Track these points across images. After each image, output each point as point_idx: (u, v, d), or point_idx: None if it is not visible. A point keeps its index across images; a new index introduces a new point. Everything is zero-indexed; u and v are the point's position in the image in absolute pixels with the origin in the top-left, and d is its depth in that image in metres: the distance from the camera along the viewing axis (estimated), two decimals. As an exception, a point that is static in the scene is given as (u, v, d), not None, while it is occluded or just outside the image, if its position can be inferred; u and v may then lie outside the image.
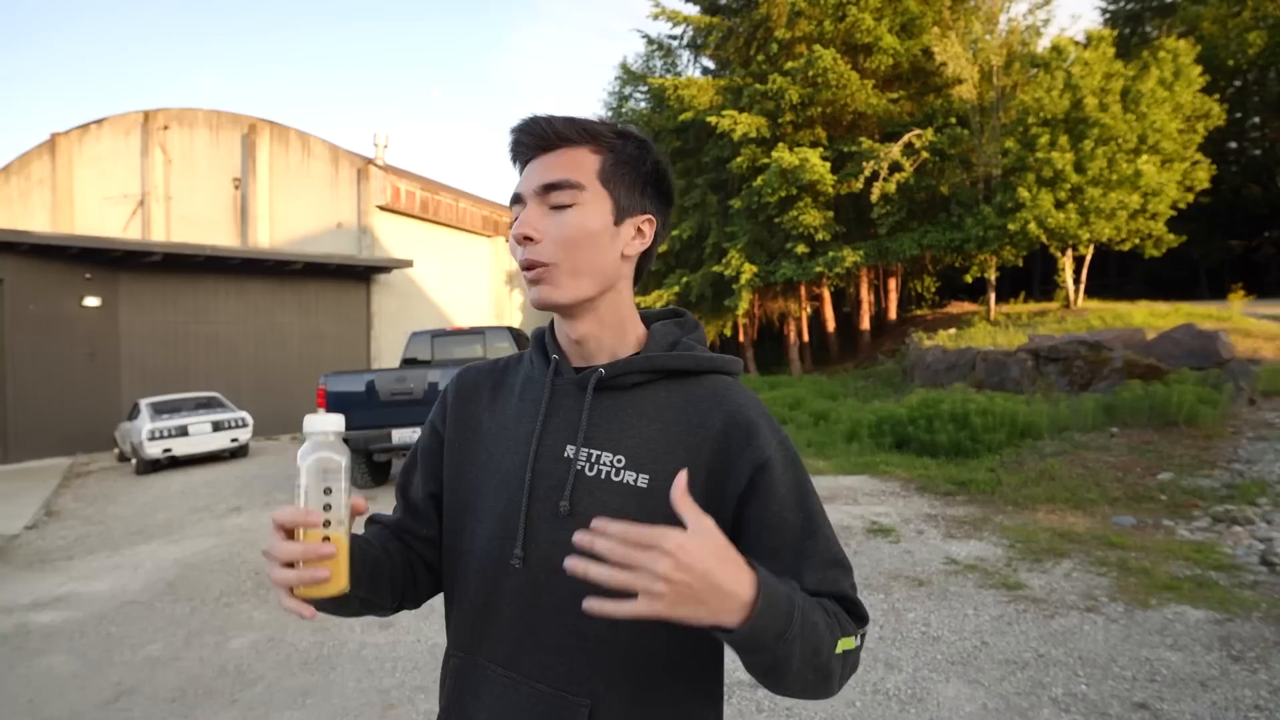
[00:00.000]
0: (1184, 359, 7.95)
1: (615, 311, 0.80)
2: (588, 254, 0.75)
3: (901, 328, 17.75)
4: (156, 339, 12.96)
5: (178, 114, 16.84)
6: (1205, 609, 3.36)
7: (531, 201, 0.75)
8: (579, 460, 0.76)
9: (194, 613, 4.08)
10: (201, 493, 7.89)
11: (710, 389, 0.79)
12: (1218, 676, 2.76)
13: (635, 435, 0.76)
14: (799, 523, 0.75)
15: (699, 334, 0.86)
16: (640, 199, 0.79)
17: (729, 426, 0.76)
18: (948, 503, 5.63)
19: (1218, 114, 14.03)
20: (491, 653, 0.77)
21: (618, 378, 0.78)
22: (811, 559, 0.74)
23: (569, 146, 0.76)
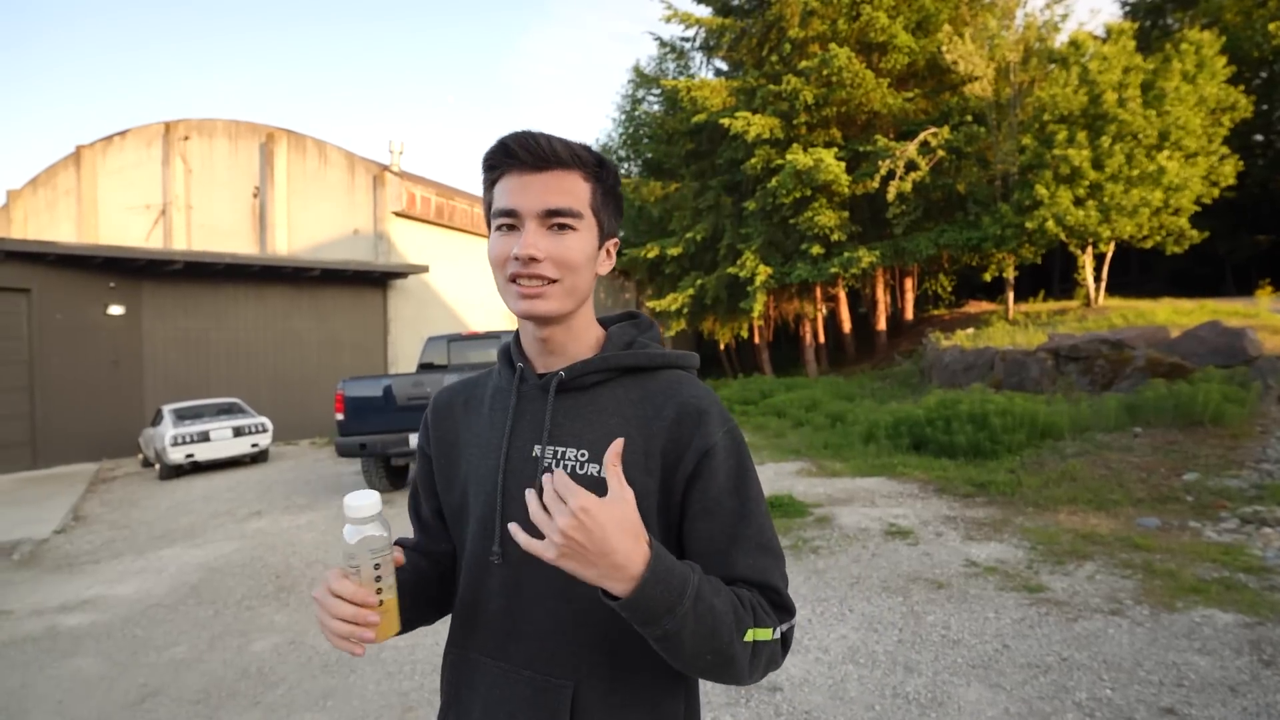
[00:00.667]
0: (1209, 357, 7.79)
1: (582, 319, 0.87)
2: (581, 276, 0.82)
3: (918, 328, 17.58)
4: (178, 346, 13.18)
5: (198, 124, 17.14)
6: (1234, 612, 3.29)
7: (532, 222, 0.79)
8: (545, 458, 0.82)
9: (217, 616, 4.14)
10: (223, 497, 8.01)
11: (665, 382, 0.86)
12: (1248, 681, 2.69)
13: (597, 430, 0.82)
14: (734, 507, 0.80)
15: (654, 333, 0.93)
16: (614, 223, 0.87)
17: (681, 415, 0.82)
18: (967, 504, 5.57)
19: (1245, 106, 13.72)
20: (482, 646, 0.84)
21: (578, 378, 0.84)
22: (742, 543, 0.79)
23: (563, 170, 0.80)
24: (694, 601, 0.69)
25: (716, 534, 0.79)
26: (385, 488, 7.40)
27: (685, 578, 0.69)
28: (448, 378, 6.91)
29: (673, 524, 0.82)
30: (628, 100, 24.96)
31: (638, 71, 23.09)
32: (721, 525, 0.80)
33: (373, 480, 7.38)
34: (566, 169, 0.80)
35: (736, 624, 0.72)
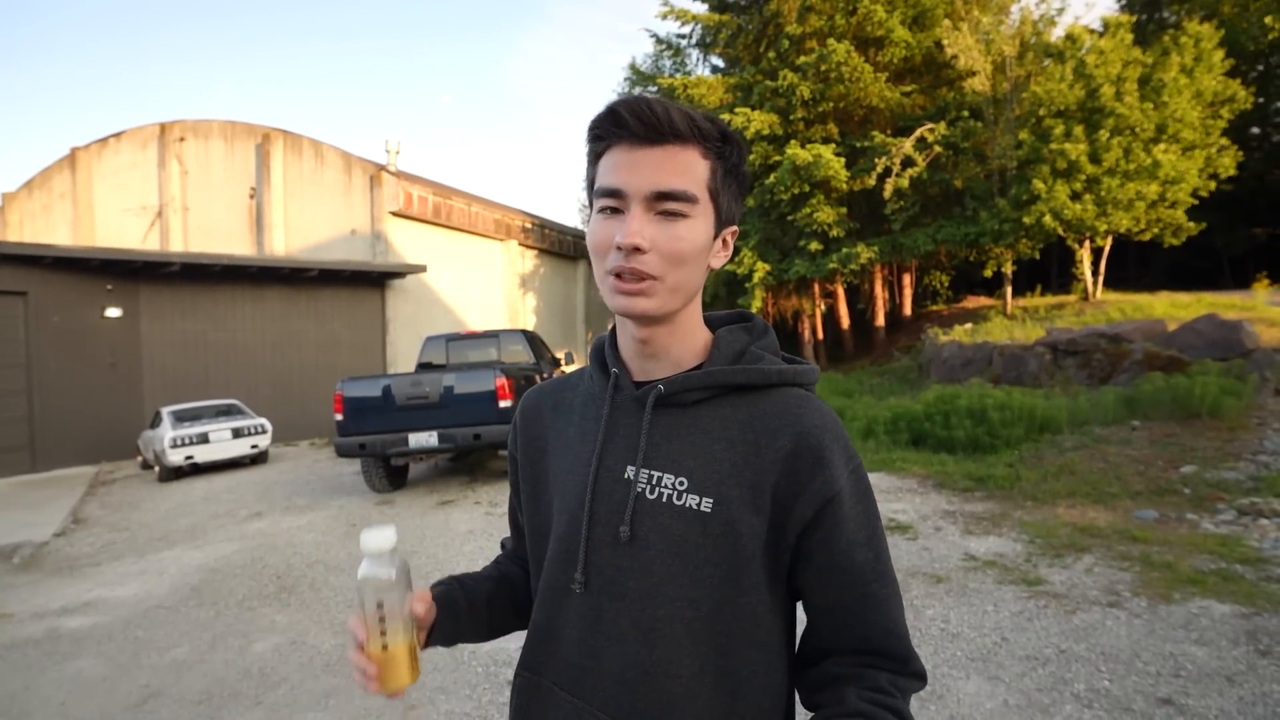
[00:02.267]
0: (1207, 350, 7.81)
1: (688, 319, 0.76)
2: (691, 270, 0.71)
3: (917, 324, 17.60)
4: (176, 348, 13.17)
5: (193, 125, 17.11)
6: (1231, 603, 3.30)
7: (638, 206, 0.68)
8: (639, 482, 0.73)
9: (218, 616, 4.15)
10: (223, 499, 8.02)
11: (781, 404, 0.73)
12: (1245, 671, 2.71)
13: (699, 456, 0.72)
14: (866, 562, 0.71)
15: (768, 340, 0.80)
16: (735, 209, 0.75)
17: (799, 449, 0.70)
18: (966, 499, 5.58)
19: (1244, 98, 13.70)
20: (557, 676, 0.76)
21: (678, 394, 0.74)
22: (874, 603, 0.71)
23: (679, 144, 0.69)
24: None
25: (845, 592, 0.71)
26: (385, 488, 7.41)
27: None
28: (446, 377, 6.91)
29: (780, 573, 0.72)
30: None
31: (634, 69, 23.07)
32: (851, 581, 0.70)
33: (372, 480, 7.38)
34: (685, 143, 0.68)
35: None
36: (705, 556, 0.70)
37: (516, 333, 9.34)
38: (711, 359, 0.75)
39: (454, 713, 2.84)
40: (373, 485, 7.42)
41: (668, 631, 0.69)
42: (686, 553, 0.70)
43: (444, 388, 6.83)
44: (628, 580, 0.72)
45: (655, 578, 0.70)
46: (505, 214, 19.70)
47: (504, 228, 19.51)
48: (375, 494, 7.42)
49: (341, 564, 5.05)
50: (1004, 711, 2.56)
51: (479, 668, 3.23)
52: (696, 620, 0.70)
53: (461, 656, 3.35)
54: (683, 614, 0.70)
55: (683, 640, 0.69)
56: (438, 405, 6.80)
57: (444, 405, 6.80)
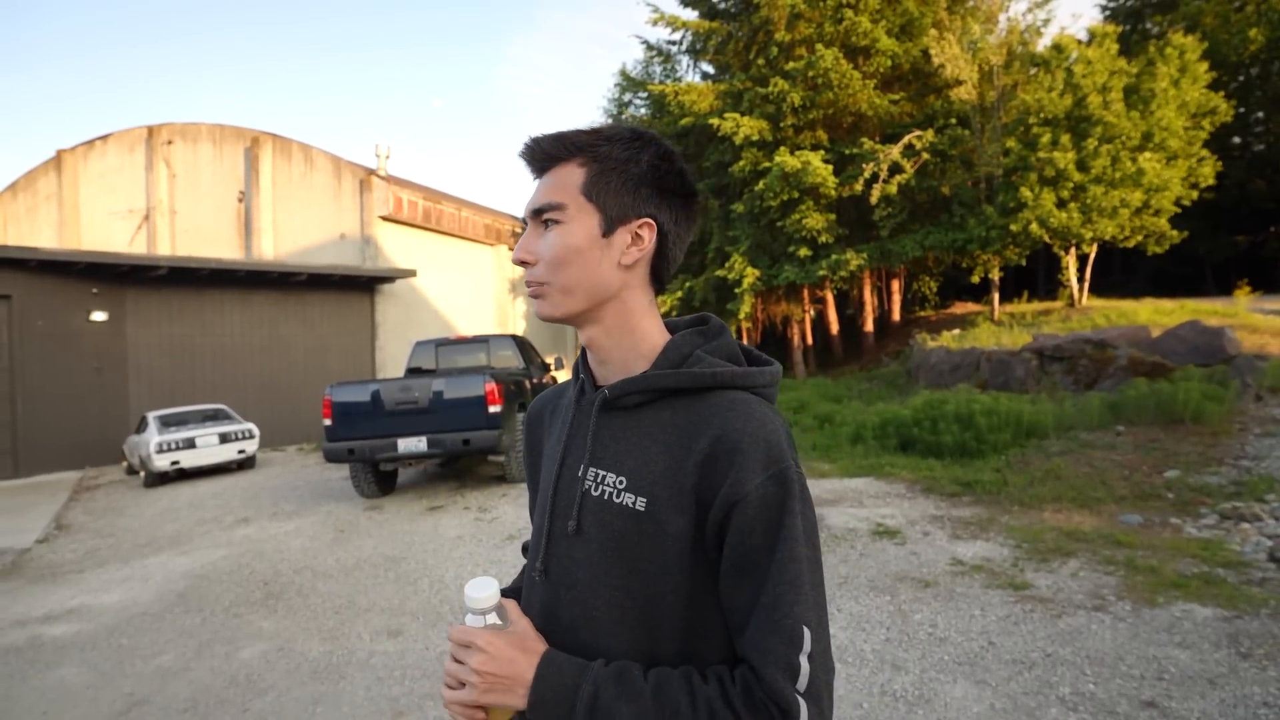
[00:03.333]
0: (1190, 356, 7.92)
1: (623, 321, 0.78)
2: (576, 270, 0.75)
3: (905, 329, 17.72)
4: (163, 352, 13.05)
5: (181, 129, 17.00)
6: (1213, 606, 3.35)
7: (530, 225, 0.78)
8: (586, 480, 0.78)
9: (204, 623, 4.11)
10: (209, 504, 7.94)
11: (711, 408, 0.74)
12: (1226, 674, 2.75)
13: (637, 456, 0.76)
14: (763, 570, 0.69)
15: (721, 342, 0.81)
16: (634, 202, 0.76)
17: (714, 451, 0.71)
18: (953, 504, 5.62)
19: (1225, 110, 13.97)
20: None
21: (620, 398, 0.78)
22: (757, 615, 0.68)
23: (558, 165, 0.77)
24: (588, 713, 0.67)
25: (740, 598, 0.70)
26: (373, 493, 7.37)
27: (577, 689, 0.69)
28: (436, 382, 6.89)
29: (714, 568, 0.73)
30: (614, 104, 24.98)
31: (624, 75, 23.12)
32: (745, 589, 0.70)
33: (361, 486, 7.34)
34: (562, 163, 0.77)
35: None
36: (640, 552, 0.73)
37: (506, 338, 9.33)
38: (656, 364, 0.78)
39: (443, 718, 2.82)
40: (361, 490, 7.37)
41: (606, 619, 0.74)
42: (624, 548, 0.74)
43: (433, 393, 6.81)
44: (578, 571, 0.77)
45: (597, 569, 0.75)
46: (495, 219, 19.69)
47: (494, 232, 19.49)
48: (364, 499, 7.38)
49: (329, 570, 5.02)
50: (990, 715, 2.58)
51: (468, 674, 3.21)
52: (633, 610, 0.73)
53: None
54: (620, 603, 0.74)
55: (619, 629, 0.73)
56: (427, 410, 6.77)
57: (433, 410, 6.77)
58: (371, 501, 7.31)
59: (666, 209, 0.78)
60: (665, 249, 0.80)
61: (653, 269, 0.80)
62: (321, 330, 14.84)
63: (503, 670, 0.70)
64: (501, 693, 0.70)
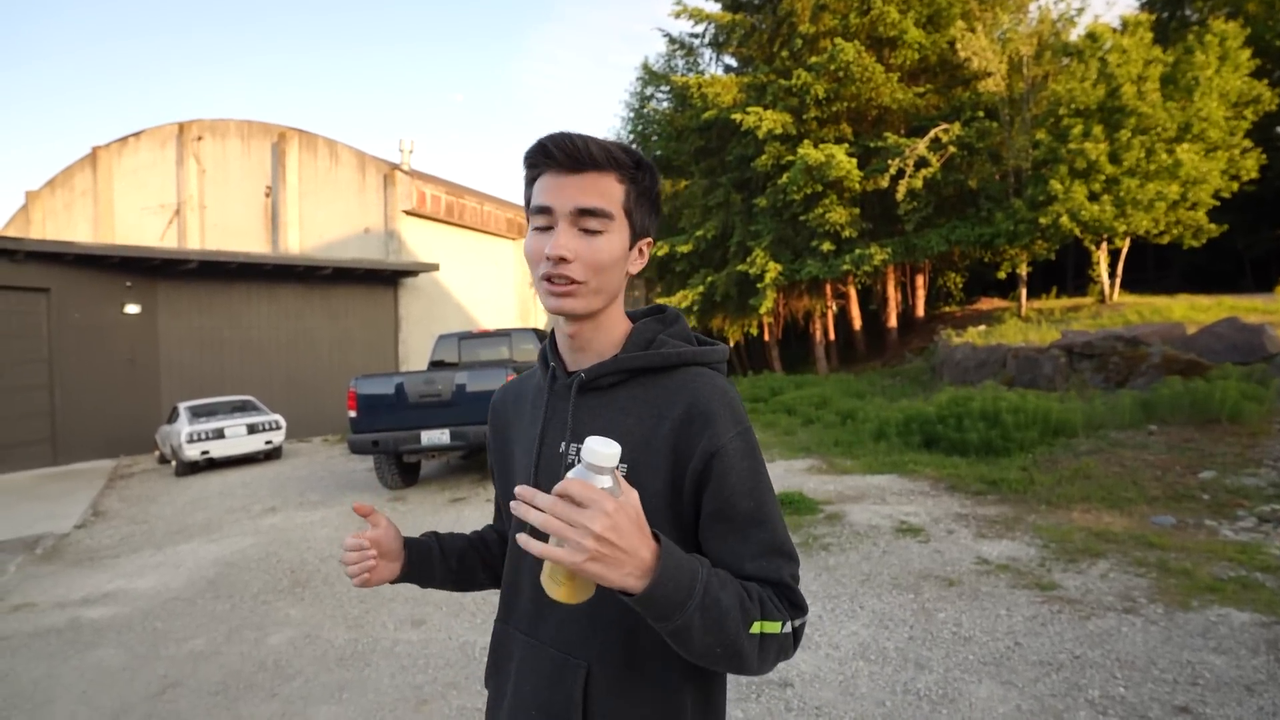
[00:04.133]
0: (1227, 354, 7.69)
1: (610, 317, 0.89)
2: (610, 277, 0.85)
3: (930, 325, 17.47)
4: (193, 344, 13.34)
5: (210, 125, 17.31)
6: (1251, 611, 3.25)
7: (564, 221, 0.82)
8: (569, 454, 0.87)
9: (234, 609, 4.21)
10: (238, 493, 8.11)
11: (680, 381, 0.87)
12: (1265, 681, 2.67)
13: (615, 429, 0.85)
14: (748, 510, 0.81)
15: (678, 328, 0.93)
16: (647, 224, 0.89)
17: (689, 415, 0.83)
18: (978, 502, 5.54)
19: (1269, 99, 13.48)
20: (518, 622, 0.92)
21: (596, 379, 0.88)
22: (754, 545, 0.81)
23: (598, 172, 0.82)
24: (702, 595, 0.71)
25: (729, 536, 0.82)
26: (397, 484, 7.47)
27: (694, 573, 0.71)
28: (459, 375, 6.95)
29: (686, 524, 0.84)
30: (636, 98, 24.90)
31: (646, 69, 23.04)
32: (734, 527, 0.81)
33: (385, 477, 7.44)
34: (601, 171, 0.82)
35: (744, 617, 0.74)
36: None
37: (528, 331, 9.38)
38: (625, 348, 0.89)
39: (466, 708, 2.86)
40: (385, 482, 7.48)
41: None
42: None
43: (456, 386, 6.87)
44: None
45: None
46: (517, 213, 19.78)
47: (516, 226, 19.58)
48: (388, 490, 7.48)
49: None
50: (1017, 717, 2.54)
51: (490, 664, 3.25)
52: None
53: (472, 652, 3.38)
54: None
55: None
56: (450, 403, 6.84)
57: (456, 403, 6.84)
58: (395, 493, 7.41)
59: (655, 228, 0.92)
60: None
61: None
62: (346, 323, 15.06)
63: (624, 542, 0.65)
64: (608, 565, 0.65)
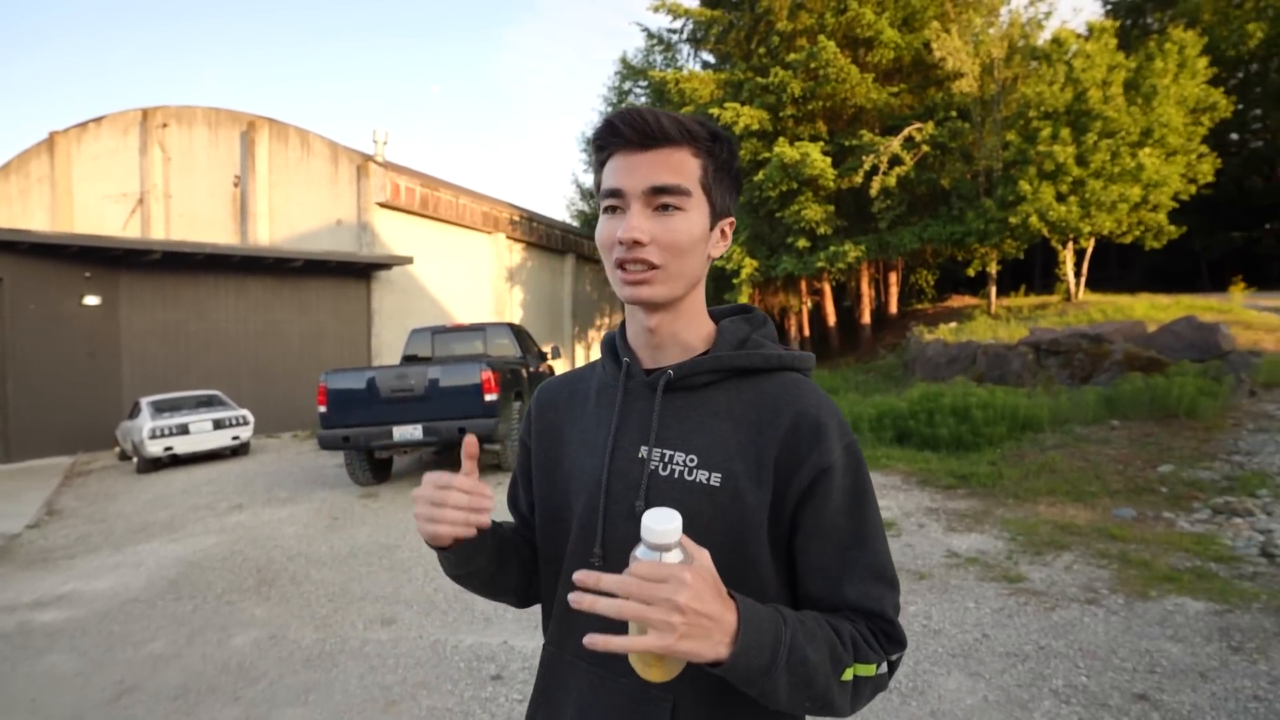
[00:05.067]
0: (1185, 351, 7.94)
1: (693, 307, 0.82)
2: (690, 260, 0.77)
3: (902, 322, 17.73)
4: (157, 337, 12.96)
5: (176, 112, 16.81)
6: (1205, 600, 3.36)
7: (637, 203, 0.75)
8: (652, 460, 0.78)
9: (196, 610, 4.10)
10: (203, 491, 7.91)
11: (781, 386, 0.80)
12: (1217, 667, 2.76)
13: (707, 434, 0.78)
14: (850, 531, 0.76)
15: (768, 330, 0.87)
16: (727, 202, 0.81)
17: (797, 425, 0.76)
18: (949, 496, 5.63)
19: (1224, 106, 13.94)
20: (579, 649, 0.76)
21: (686, 378, 0.80)
22: (855, 569, 0.75)
23: (671, 146, 0.75)
24: (788, 656, 0.65)
25: (829, 558, 0.76)
26: (368, 481, 7.35)
27: (777, 634, 0.65)
28: (431, 370, 6.86)
29: (781, 538, 0.77)
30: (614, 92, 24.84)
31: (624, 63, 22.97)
32: (835, 549, 0.76)
33: (356, 473, 7.31)
34: (676, 145, 0.75)
35: (835, 669, 0.69)
36: (714, 528, 0.74)
37: (503, 326, 9.30)
38: (717, 345, 0.82)
39: (436, 709, 2.82)
40: (356, 478, 7.35)
41: None
42: (697, 525, 0.72)
43: (429, 380, 6.78)
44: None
45: None
46: (493, 207, 19.58)
47: (491, 220, 19.39)
48: (359, 487, 7.36)
49: (323, 558, 5.00)
50: (984, 707, 2.58)
51: (461, 663, 3.21)
52: None
53: (444, 652, 3.33)
54: None
55: None
56: (423, 398, 6.75)
57: (429, 398, 6.75)
58: (366, 489, 7.29)
59: (735, 207, 0.84)
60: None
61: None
62: (317, 317, 14.77)
63: (709, 609, 0.60)
64: (700, 638, 0.60)
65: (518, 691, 2.91)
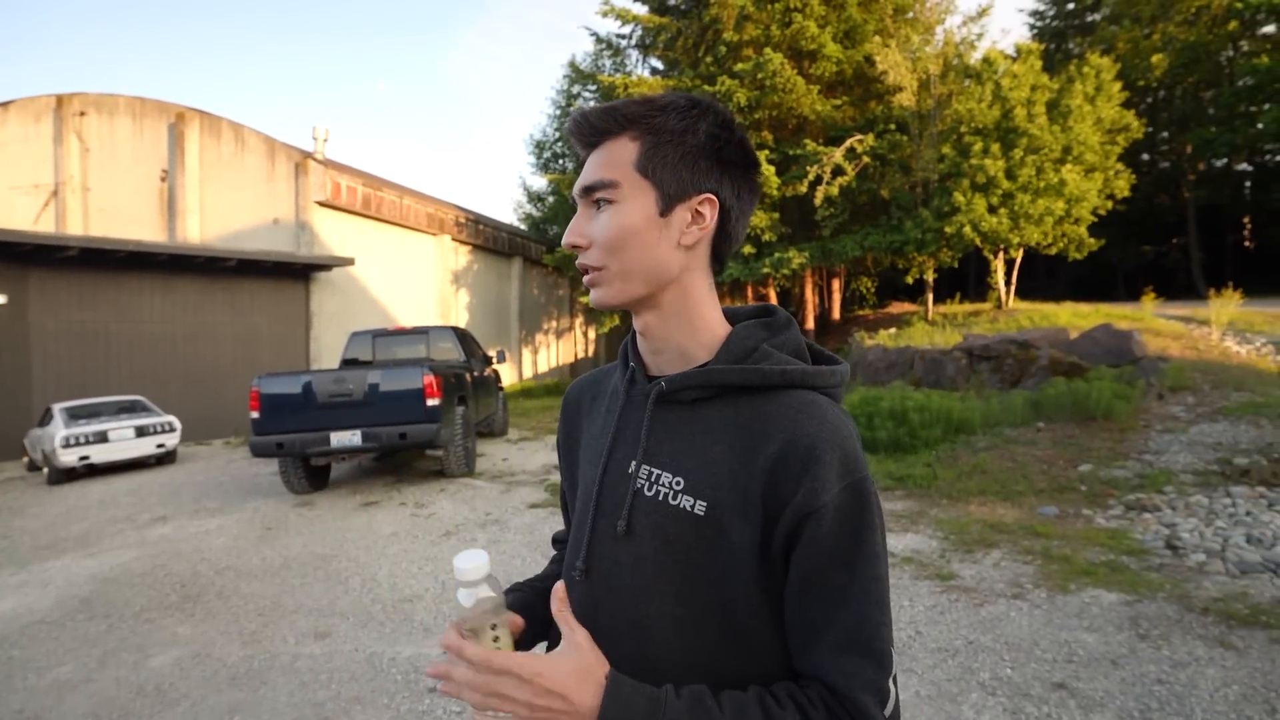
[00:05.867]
0: (1102, 357, 8.44)
1: (681, 305, 0.73)
2: (633, 253, 0.69)
3: (845, 327, 18.25)
4: (72, 340, 12.15)
5: (96, 99, 15.85)
6: (1118, 592, 3.56)
7: (580, 205, 0.72)
8: (639, 478, 0.72)
9: (110, 630, 3.84)
10: (123, 502, 7.45)
11: (781, 408, 0.68)
12: (1127, 654, 2.93)
13: (697, 456, 0.70)
14: (840, 585, 0.65)
15: (788, 335, 0.75)
16: (693, 177, 0.70)
17: (786, 456, 0.65)
18: (887, 498, 5.81)
19: (1136, 128, 14.96)
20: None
21: (677, 392, 0.72)
22: (830, 632, 0.64)
23: (609, 139, 0.71)
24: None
25: (811, 614, 0.66)
26: (304, 489, 7.07)
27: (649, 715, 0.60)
28: (371, 374, 6.67)
29: (777, 578, 0.68)
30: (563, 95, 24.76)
31: (573, 67, 22.91)
32: (818, 605, 0.65)
33: (291, 481, 7.03)
34: (614, 136, 0.70)
35: None
36: (696, 557, 0.68)
37: (447, 330, 9.11)
38: (718, 356, 0.72)
39: (370, 724, 2.72)
40: (291, 486, 7.06)
41: (657, 627, 0.69)
42: (678, 552, 0.69)
43: (369, 385, 6.58)
44: (623, 574, 0.72)
45: (648, 575, 0.70)
46: (439, 208, 19.19)
47: (437, 222, 19.00)
48: (294, 495, 7.07)
49: (254, 570, 4.78)
50: (915, 702, 2.67)
51: (398, 675, 3.11)
52: (686, 619, 0.68)
53: (380, 664, 3.23)
54: (672, 611, 0.69)
55: (670, 637, 0.68)
56: (362, 403, 6.54)
57: (368, 403, 6.55)
58: (302, 497, 7.01)
59: (728, 182, 0.72)
60: (727, 226, 0.73)
61: (713, 249, 0.74)
62: (252, 319, 14.14)
63: (552, 703, 0.60)
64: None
65: (455, 704, 2.84)
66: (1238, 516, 4.54)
